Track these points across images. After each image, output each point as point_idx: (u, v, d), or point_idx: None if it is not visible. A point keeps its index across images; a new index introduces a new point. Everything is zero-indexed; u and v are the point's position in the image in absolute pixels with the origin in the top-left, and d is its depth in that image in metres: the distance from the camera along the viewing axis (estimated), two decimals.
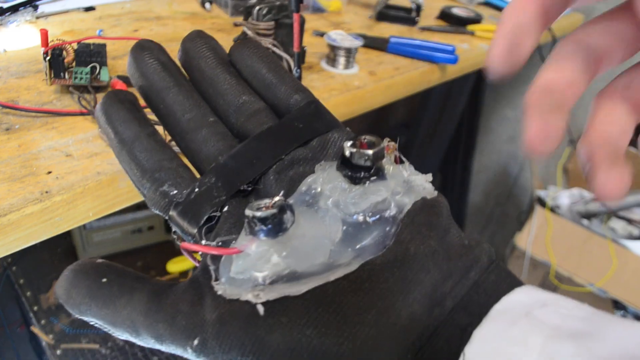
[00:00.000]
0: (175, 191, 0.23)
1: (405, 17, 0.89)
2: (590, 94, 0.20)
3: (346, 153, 0.21)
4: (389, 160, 0.22)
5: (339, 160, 0.22)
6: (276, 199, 0.20)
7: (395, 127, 1.36)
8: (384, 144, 0.22)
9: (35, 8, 0.66)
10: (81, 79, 0.50)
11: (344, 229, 0.21)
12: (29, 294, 0.80)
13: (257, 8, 0.60)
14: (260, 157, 0.24)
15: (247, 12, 0.61)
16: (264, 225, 0.19)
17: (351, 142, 0.22)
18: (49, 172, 0.41)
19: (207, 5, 0.80)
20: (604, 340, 0.16)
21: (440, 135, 1.30)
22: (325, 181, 0.22)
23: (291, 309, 0.19)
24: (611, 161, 0.19)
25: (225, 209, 0.23)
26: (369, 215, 0.21)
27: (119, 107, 0.25)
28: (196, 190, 0.23)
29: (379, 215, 0.21)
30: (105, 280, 0.22)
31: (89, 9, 0.71)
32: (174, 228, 0.23)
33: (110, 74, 0.53)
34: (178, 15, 0.76)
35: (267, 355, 0.18)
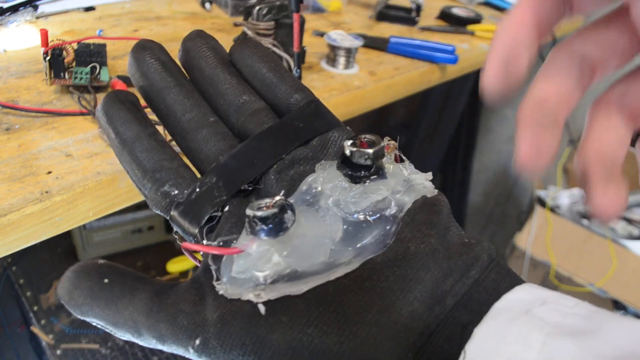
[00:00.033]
0: (176, 191, 0.23)
1: (405, 17, 0.89)
2: (590, 94, 0.20)
3: (346, 152, 0.22)
4: (389, 159, 0.22)
5: (339, 159, 0.22)
6: (277, 198, 0.20)
7: (395, 127, 1.36)
8: (384, 143, 0.22)
9: (35, 8, 0.66)
10: (81, 79, 0.50)
11: (345, 228, 0.21)
12: (29, 294, 0.80)
13: (257, 8, 0.60)
14: (261, 157, 0.24)
15: (247, 12, 0.61)
16: (265, 224, 0.19)
17: (351, 141, 0.22)
18: (49, 172, 0.41)
19: (207, 5, 0.80)
20: (604, 338, 0.16)
21: (440, 135, 1.30)
22: (325, 180, 0.22)
23: (292, 308, 0.19)
24: (607, 178, 0.18)
25: (226, 208, 0.23)
26: (369, 214, 0.21)
27: (119, 108, 0.25)
28: (197, 190, 0.23)
29: (379, 214, 0.21)
30: (106, 280, 0.22)
31: (89, 9, 0.71)
32: (175, 228, 0.23)
33: (110, 74, 0.53)
34: (178, 15, 0.76)
35: (268, 355, 0.18)
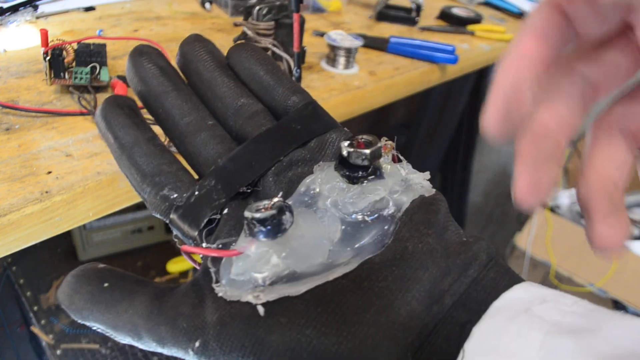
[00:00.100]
0: (175, 195, 0.23)
1: (405, 17, 0.89)
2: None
3: (343, 153, 0.22)
4: (386, 159, 0.22)
5: (337, 160, 0.22)
6: (275, 200, 0.20)
7: (395, 127, 1.36)
8: (381, 143, 0.22)
9: (35, 8, 0.66)
10: (81, 79, 0.50)
11: (343, 228, 0.21)
12: (29, 294, 0.80)
13: (257, 8, 0.60)
14: (259, 159, 0.24)
15: (247, 12, 0.61)
16: (263, 226, 0.19)
17: (348, 142, 0.22)
18: (49, 172, 0.41)
19: (207, 5, 0.80)
20: (603, 336, 0.16)
21: (440, 135, 1.30)
22: (323, 181, 0.22)
23: (291, 310, 0.19)
24: (611, 209, 0.18)
25: (225, 211, 0.23)
26: (367, 214, 0.21)
27: (118, 113, 0.25)
28: (196, 193, 0.23)
29: (377, 214, 0.21)
30: (106, 284, 0.22)
31: (89, 9, 0.71)
32: (175, 231, 0.23)
33: (110, 74, 0.53)
34: (178, 15, 0.76)
35: (267, 356, 0.18)
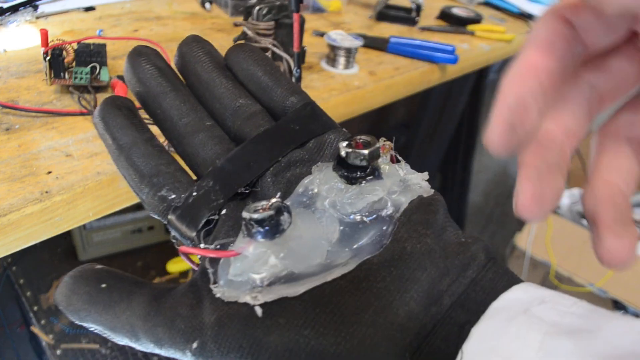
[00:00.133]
0: (173, 195, 0.23)
1: (405, 17, 0.89)
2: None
3: (342, 153, 0.22)
4: (384, 159, 0.22)
5: (335, 160, 0.22)
6: (273, 200, 0.20)
7: (395, 127, 1.35)
8: (380, 143, 0.22)
9: (35, 8, 0.66)
10: (81, 79, 0.51)
11: (341, 229, 0.21)
12: (29, 294, 0.80)
13: (257, 8, 0.60)
14: (257, 160, 0.24)
15: (247, 12, 0.61)
16: (261, 227, 0.19)
17: (347, 143, 0.22)
18: (49, 172, 0.41)
19: (207, 5, 0.80)
20: (602, 337, 0.16)
21: (440, 135, 1.30)
22: (321, 182, 0.22)
23: (289, 310, 0.19)
24: (619, 221, 0.17)
25: (223, 212, 0.23)
26: (365, 215, 0.21)
27: (116, 114, 0.25)
28: (194, 194, 0.23)
29: (375, 214, 0.21)
30: (104, 285, 0.22)
31: (89, 9, 0.71)
32: (173, 232, 0.23)
33: (110, 74, 0.53)
34: (178, 15, 0.76)
35: (265, 357, 0.18)
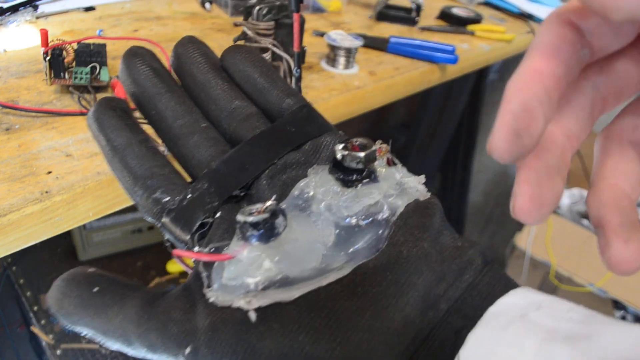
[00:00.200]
0: (167, 198, 0.23)
1: (405, 17, 0.89)
2: None
3: (338, 156, 0.21)
4: (381, 162, 0.22)
5: (331, 163, 0.22)
6: (268, 203, 0.19)
7: (395, 127, 1.35)
8: (376, 146, 0.22)
9: (35, 8, 0.66)
10: (81, 79, 0.51)
11: (337, 232, 0.21)
12: (29, 294, 0.80)
13: (257, 8, 0.60)
14: (253, 162, 0.23)
15: (247, 12, 0.61)
16: (256, 230, 0.19)
17: (343, 145, 0.21)
18: (49, 172, 0.41)
19: (207, 5, 0.80)
20: (599, 343, 0.16)
21: (440, 135, 1.29)
22: (317, 185, 0.22)
23: (283, 315, 0.19)
24: (627, 226, 0.17)
25: (218, 214, 0.22)
26: (361, 218, 0.21)
27: (110, 115, 0.25)
28: (188, 196, 0.22)
29: (371, 218, 0.21)
30: (97, 289, 0.21)
31: (89, 9, 0.71)
32: (167, 235, 0.23)
33: (110, 74, 0.53)
34: (178, 15, 0.76)
35: None
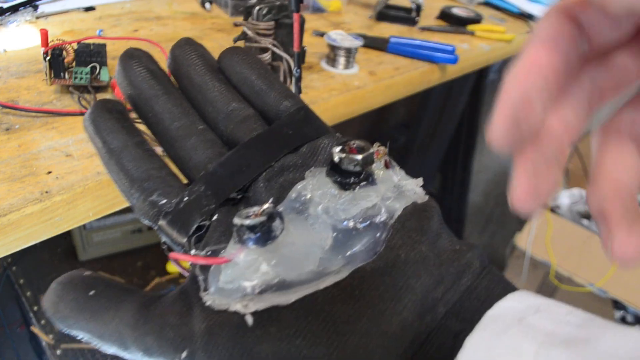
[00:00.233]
0: (164, 200, 0.23)
1: (405, 17, 0.89)
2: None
3: (335, 158, 0.21)
4: (379, 165, 0.22)
5: (329, 166, 0.22)
6: (265, 206, 0.19)
7: (395, 127, 1.35)
8: (374, 148, 0.21)
9: (35, 8, 0.66)
10: (81, 79, 0.51)
11: (334, 235, 0.21)
12: (29, 294, 0.80)
13: (257, 8, 0.60)
14: (250, 165, 0.23)
15: (247, 12, 0.61)
16: (253, 233, 0.19)
17: (340, 148, 0.21)
18: (49, 172, 0.41)
19: (207, 5, 0.80)
20: (597, 347, 0.16)
21: (440, 135, 1.29)
22: (315, 187, 0.21)
23: (280, 319, 0.18)
24: (629, 217, 0.17)
25: (215, 217, 0.22)
26: (359, 221, 0.21)
27: (107, 117, 0.24)
28: (185, 199, 0.22)
29: (369, 221, 0.21)
30: (93, 292, 0.21)
31: (89, 9, 0.71)
32: (164, 238, 0.23)
33: (110, 74, 0.53)
34: (178, 15, 0.76)
35: None
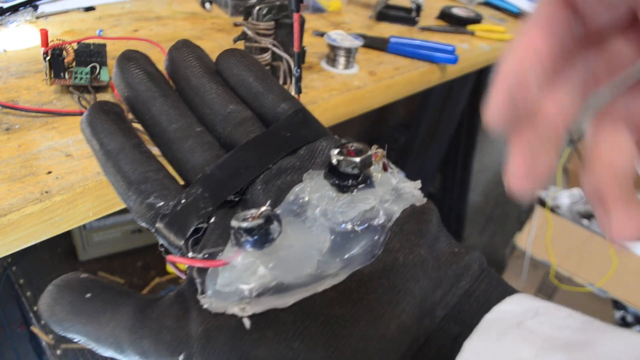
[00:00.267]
0: (161, 203, 0.22)
1: (405, 17, 0.89)
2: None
3: (333, 161, 0.21)
4: (377, 167, 0.22)
5: (326, 168, 0.22)
6: (262, 209, 0.19)
7: (395, 127, 1.35)
8: (372, 151, 0.21)
9: (35, 8, 0.66)
10: (81, 79, 0.51)
11: (332, 238, 0.20)
12: (29, 294, 0.80)
13: (257, 8, 0.60)
14: (247, 167, 0.23)
15: (247, 12, 0.61)
16: (250, 236, 0.19)
17: (338, 150, 0.21)
18: (49, 172, 0.41)
19: (207, 5, 0.80)
20: (596, 351, 0.16)
21: (440, 135, 1.29)
22: (312, 190, 0.21)
23: (278, 322, 0.18)
24: (625, 197, 0.17)
25: (212, 220, 0.22)
26: (357, 224, 0.21)
27: (104, 119, 0.24)
28: (182, 201, 0.22)
29: (367, 223, 0.21)
30: (89, 295, 0.21)
31: (89, 9, 0.71)
32: (161, 240, 0.23)
33: (110, 74, 0.53)
34: (178, 15, 0.76)
35: None
